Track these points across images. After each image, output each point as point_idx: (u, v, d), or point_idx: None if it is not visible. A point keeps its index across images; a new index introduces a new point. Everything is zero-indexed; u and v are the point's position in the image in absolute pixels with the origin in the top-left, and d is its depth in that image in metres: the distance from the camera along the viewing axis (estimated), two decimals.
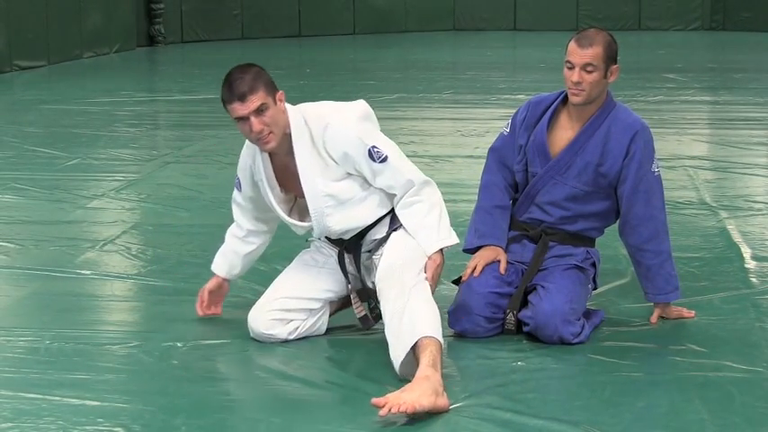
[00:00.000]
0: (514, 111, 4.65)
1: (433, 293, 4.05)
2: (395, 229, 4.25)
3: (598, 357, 4.11)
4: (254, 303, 4.33)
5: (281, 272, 4.49)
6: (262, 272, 5.04)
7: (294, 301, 4.25)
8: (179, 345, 4.25)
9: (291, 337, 4.25)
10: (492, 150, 4.65)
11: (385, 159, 4.13)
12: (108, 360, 4.13)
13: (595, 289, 4.61)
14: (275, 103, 4.05)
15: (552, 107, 4.48)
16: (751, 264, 5.39)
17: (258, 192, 4.34)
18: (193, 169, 8.13)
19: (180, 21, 21.70)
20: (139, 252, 5.70)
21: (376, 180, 4.18)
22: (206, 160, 8.51)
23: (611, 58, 4.33)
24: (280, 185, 4.29)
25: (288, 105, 4.16)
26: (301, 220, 4.30)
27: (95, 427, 3.50)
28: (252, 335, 4.27)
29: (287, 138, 4.13)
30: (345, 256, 4.33)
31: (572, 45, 4.34)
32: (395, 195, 4.23)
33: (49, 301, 4.88)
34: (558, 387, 3.90)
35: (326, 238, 4.38)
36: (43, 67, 16.76)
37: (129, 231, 6.16)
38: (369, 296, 4.32)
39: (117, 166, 8.24)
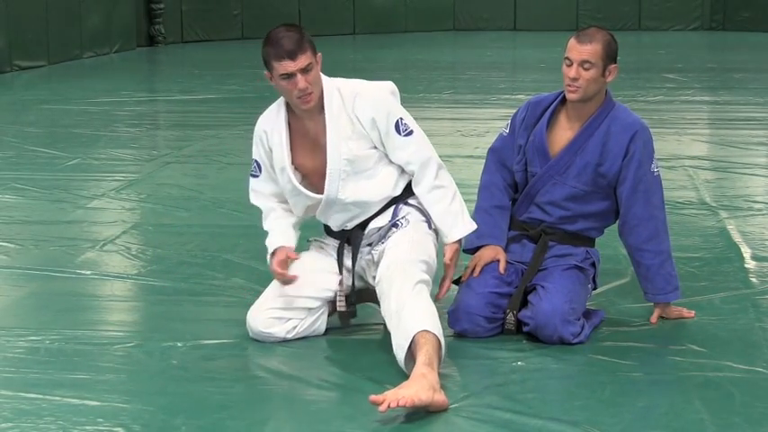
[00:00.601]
0: (514, 111, 4.66)
1: (450, 281, 4.16)
2: (394, 224, 4.26)
3: (598, 357, 4.11)
4: (253, 303, 4.32)
5: None
6: (261, 272, 5.04)
7: (293, 300, 4.25)
8: (179, 345, 4.26)
9: (290, 336, 4.24)
10: (491, 151, 4.66)
11: (410, 133, 4.26)
12: (108, 360, 4.13)
13: (595, 289, 4.61)
14: (317, 64, 4.16)
15: (552, 107, 4.48)
16: (751, 264, 5.39)
17: (271, 166, 4.32)
18: (193, 169, 8.14)
19: (180, 21, 21.70)
20: (139, 252, 5.70)
21: (396, 153, 4.24)
22: (206, 160, 8.51)
23: (609, 56, 4.33)
24: (293, 160, 4.29)
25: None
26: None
27: (95, 427, 3.50)
28: (251, 334, 4.27)
29: (319, 100, 4.20)
30: (345, 248, 4.33)
31: (572, 41, 4.35)
32: (409, 174, 4.29)
33: (49, 301, 4.88)
34: (558, 387, 3.90)
35: (327, 231, 4.39)
36: (43, 67, 16.76)
37: (129, 231, 6.16)
38: (355, 296, 4.35)
39: (117, 166, 8.24)
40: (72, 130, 10.11)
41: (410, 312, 3.89)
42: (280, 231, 4.34)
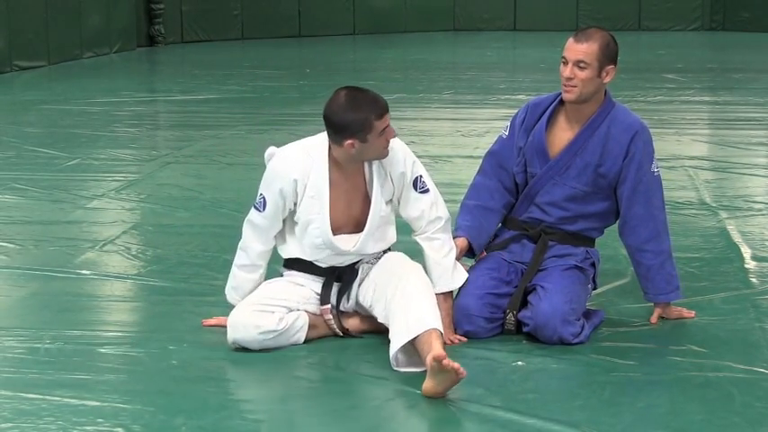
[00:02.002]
0: (514, 111, 4.66)
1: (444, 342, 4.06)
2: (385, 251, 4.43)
3: (598, 357, 4.11)
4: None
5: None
6: None
7: (272, 299, 4.25)
8: (179, 345, 4.25)
9: (280, 327, 4.17)
10: (489, 154, 4.64)
11: (426, 191, 4.35)
12: (108, 360, 4.13)
13: (595, 289, 4.61)
14: None
15: (551, 108, 4.48)
16: (751, 264, 5.39)
17: (284, 209, 4.28)
18: (193, 169, 8.13)
19: (180, 21, 21.69)
20: (139, 252, 5.70)
21: (407, 208, 4.35)
22: (206, 160, 8.51)
23: (606, 57, 4.32)
24: None
25: None
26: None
27: (95, 428, 3.50)
28: (237, 338, 4.16)
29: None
30: (334, 285, 4.34)
31: (569, 40, 4.35)
32: (414, 227, 4.38)
33: (49, 301, 4.88)
34: (558, 387, 3.90)
35: (307, 268, 4.36)
36: (43, 67, 16.75)
37: (129, 231, 6.16)
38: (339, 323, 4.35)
39: (117, 166, 8.24)
40: (72, 131, 10.11)
41: (419, 307, 4.00)
42: (242, 290, 4.36)
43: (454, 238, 4.46)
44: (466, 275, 4.38)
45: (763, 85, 13.69)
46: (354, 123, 4.10)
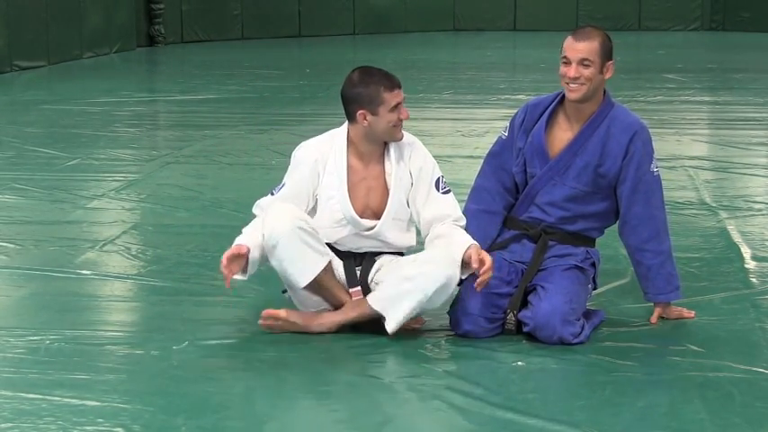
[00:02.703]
0: (514, 111, 4.66)
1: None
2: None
3: (598, 357, 4.11)
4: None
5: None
6: (261, 272, 5.03)
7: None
8: (179, 345, 4.25)
9: (311, 228, 4.23)
10: (489, 156, 4.65)
11: (448, 192, 4.49)
12: (108, 360, 4.13)
13: (595, 289, 4.61)
14: None
15: (550, 108, 4.48)
16: (751, 264, 5.39)
17: (308, 194, 4.39)
18: (193, 169, 8.14)
19: (180, 21, 21.68)
20: (139, 252, 5.70)
21: (427, 208, 4.43)
22: (206, 160, 8.51)
23: (606, 54, 4.35)
24: None
25: None
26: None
27: (95, 428, 3.50)
28: (272, 230, 4.17)
29: (381, 147, 4.42)
30: (356, 269, 4.42)
31: (568, 40, 4.36)
32: (429, 227, 4.44)
33: (49, 301, 4.88)
34: (558, 387, 3.90)
35: (335, 251, 4.41)
36: (43, 67, 16.75)
37: (129, 231, 6.16)
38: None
39: (117, 166, 8.24)
40: (72, 131, 10.11)
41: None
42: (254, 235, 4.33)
43: None
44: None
45: (763, 85, 13.69)
46: (365, 94, 4.30)
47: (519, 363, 4.07)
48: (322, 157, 4.42)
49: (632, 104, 11.07)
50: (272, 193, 4.45)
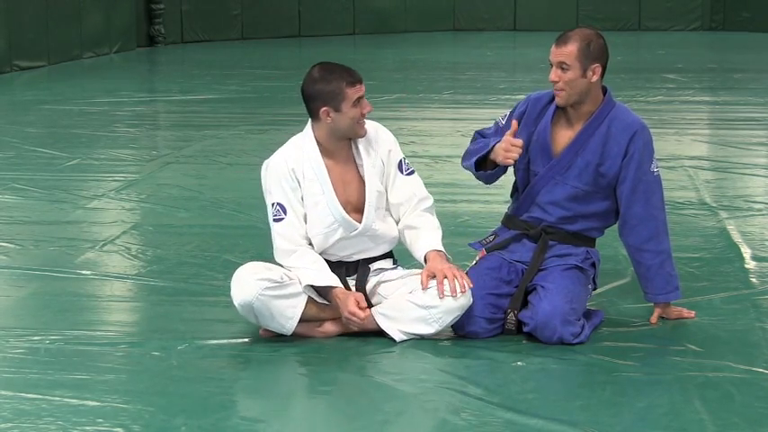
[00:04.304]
0: None
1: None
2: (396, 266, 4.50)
3: (598, 357, 4.11)
4: None
5: None
6: None
7: (282, 269, 4.30)
8: (179, 345, 4.25)
9: (279, 279, 4.19)
10: (479, 132, 4.68)
11: (412, 173, 4.47)
12: (108, 360, 4.13)
13: (595, 289, 4.61)
14: None
15: (553, 106, 4.48)
16: (751, 264, 5.39)
17: (299, 204, 4.35)
18: (193, 169, 8.14)
19: (180, 21, 21.70)
20: (139, 252, 5.70)
21: (393, 192, 4.42)
22: (206, 160, 8.51)
23: (588, 57, 4.32)
24: None
25: None
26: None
27: (95, 428, 3.50)
28: (244, 298, 4.16)
29: (347, 140, 4.38)
30: (348, 279, 4.39)
31: (553, 44, 4.37)
32: (399, 213, 4.44)
33: (49, 301, 4.88)
34: (558, 387, 3.90)
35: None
36: (43, 67, 16.76)
37: (128, 231, 6.16)
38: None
39: (117, 167, 8.24)
40: (72, 131, 10.11)
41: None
42: (326, 269, 4.31)
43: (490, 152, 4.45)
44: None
45: (763, 85, 13.69)
46: (327, 91, 4.25)
47: (519, 363, 4.07)
48: (297, 165, 4.34)
49: (632, 104, 11.06)
50: (276, 220, 4.33)
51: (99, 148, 9.13)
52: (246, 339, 4.31)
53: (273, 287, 4.17)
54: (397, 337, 4.23)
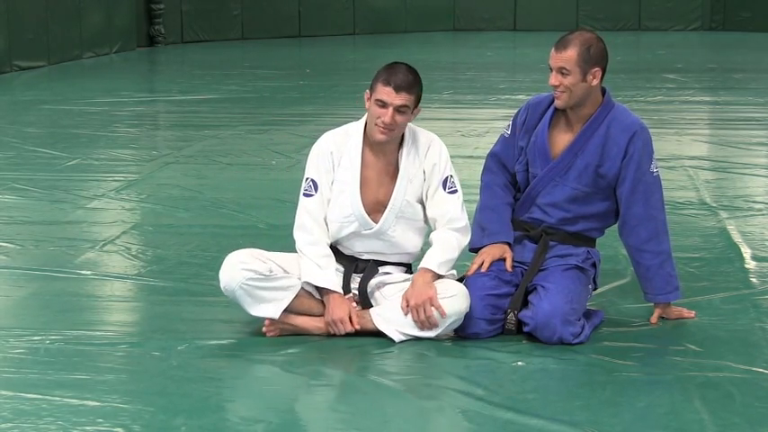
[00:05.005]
0: (515, 111, 4.67)
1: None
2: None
3: (598, 357, 4.11)
4: None
5: None
6: None
7: (274, 259, 4.32)
8: (179, 345, 4.25)
9: (266, 273, 4.21)
10: (492, 155, 4.66)
11: (454, 192, 4.42)
12: (108, 360, 4.13)
13: (596, 289, 4.61)
14: (412, 114, 4.35)
15: (552, 108, 4.48)
16: (751, 264, 5.39)
17: (329, 187, 4.39)
18: (193, 169, 8.13)
19: (180, 21, 21.69)
20: (139, 252, 5.70)
21: (431, 206, 4.40)
22: (206, 160, 8.51)
23: (588, 61, 4.32)
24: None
25: None
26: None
27: (95, 428, 3.50)
28: (228, 284, 4.20)
29: (395, 141, 4.38)
30: (354, 275, 4.39)
31: (552, 49, 4.37)
32: (437, 226, 4.42)
33: (49, 301, 4.88)
34: (558, 387, 3.90)
35: (338, 254, 4.41)
36: (43, 67, 16.75)
37: (129, 231, 6.16)
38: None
39: (117, 167, 8.24)
40: (72, 131, 10.11)
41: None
42: (332, 269, 4.34)
43: (496, 243, 4.47)
44: (452, 274, 4.38)
45: (763, 85, 13.69)
46: (374, 78, 4.31)
47: (519, 363, 4.07)
48: (337, 149, 4.39)
49: (632, 104, 11.07)
50: (306, 194, 4.37)
51: (99, 148, 9.13)
52: (246, 339, 4.31)
53: (258, 279, 4.20)
54: (396, 337, 4.23)
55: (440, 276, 4.30)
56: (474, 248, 4.55)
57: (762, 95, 12.52)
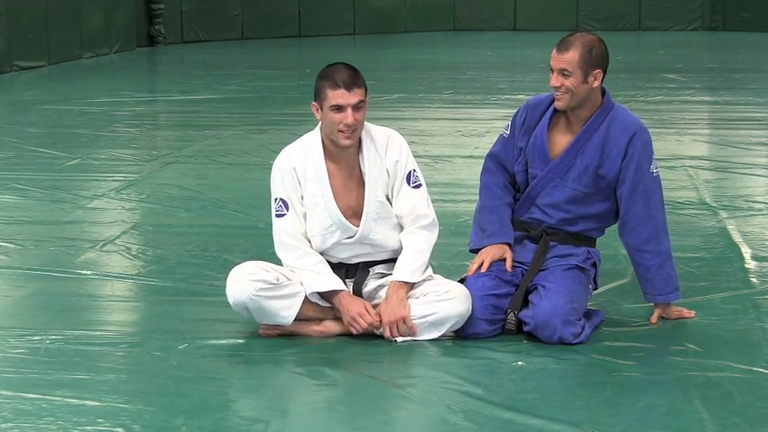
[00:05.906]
0: (514, 111, 4.66)
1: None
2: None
3: (598, 357, 4.11)
4: None
5: None
6: None
7: (279, 269, 4.30)
8: (179, 345, 4.25)
9: (274, 281, 4.19)
10: (491, 155, 4.66)
11: (419, 186, 4.38)
12: (108, 360, 4.13)
13: (596, 289, 4.61)
14: (366, 106, 4.26)
15: (551, 109, 4.48)
16: (751, 264, 5.39)
17: (299, 203, 4.34)
18: (193, 169, 8.14)
19: (180, 21, 21.69)
20: (139, 252, 5.70)
21: (397, 203, 4.35)
22: (206, 160, 8.51)
23: (590, 63, 4.32)
24: None
25: None
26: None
27: (95, 428, 3.50)
28: (239, 297, 4.18)
29: (354, 146, 4.31)
30: (347, 281, 4.38)
31: (553, 50, 4.36)
32: (402, 224, 4.39)
33: (49, 301, 4.88)
34: (558, 387, 3.90)
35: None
36: (43, 67, 16.75)
37: (129, 231, 6.16)
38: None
39: (117, 166, 8.24)
40: (72, 131, 10.11)
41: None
42: (329, 271, 4.31)
43: (495, 243, 4.47)
44: (424, 277, 4.35)
45: (763, 85, 13.69)
46: (317, 87, 4.28)
47: (519, 363, 4.07)
48: (300, 164, 4.33)
49: (632, 104, 11.07)
50: (278, 216, 4.33)
51: (99, 148, 9.13)
52: (246, 339, 4.31)
53: (268, 288, 4.18)
54: (398, 339, 4.23)
55: (414, 285, 4.28)
56: (474, 249, 4.55)
57: (762, 95, 12.52)
